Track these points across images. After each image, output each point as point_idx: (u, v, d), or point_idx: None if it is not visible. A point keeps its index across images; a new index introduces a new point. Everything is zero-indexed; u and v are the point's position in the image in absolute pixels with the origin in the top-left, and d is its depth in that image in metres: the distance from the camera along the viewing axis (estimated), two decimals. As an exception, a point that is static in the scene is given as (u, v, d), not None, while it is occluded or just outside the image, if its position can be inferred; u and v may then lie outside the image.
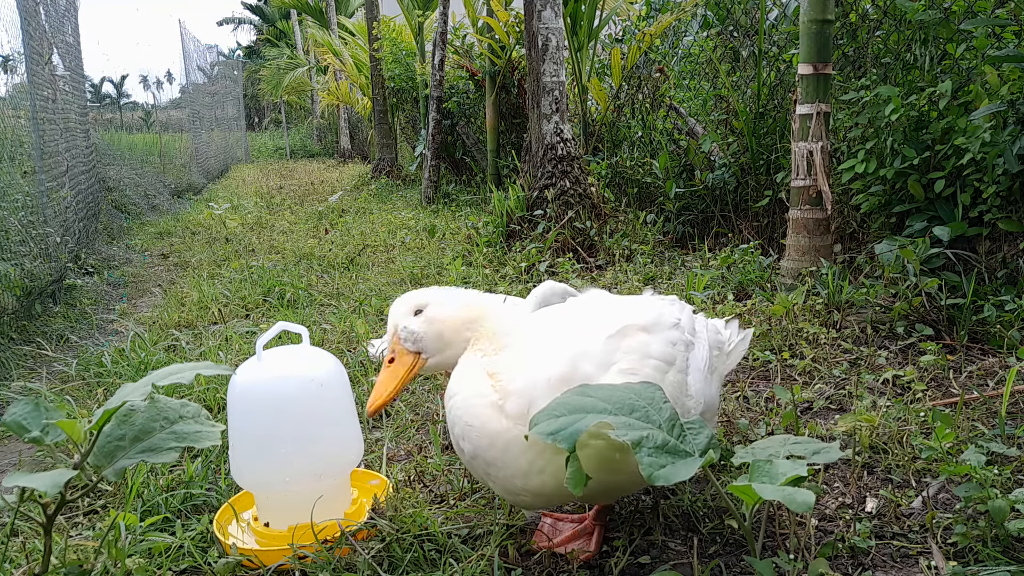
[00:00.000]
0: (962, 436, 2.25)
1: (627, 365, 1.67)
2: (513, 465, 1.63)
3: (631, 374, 1.66)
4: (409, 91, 11.57)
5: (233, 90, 21.88)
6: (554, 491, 1.65)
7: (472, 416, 1.66)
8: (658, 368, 1.69)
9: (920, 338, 3.13)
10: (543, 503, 1.74)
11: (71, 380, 3.27)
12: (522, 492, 1.67)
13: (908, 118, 3.62)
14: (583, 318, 1.80)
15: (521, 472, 1.63)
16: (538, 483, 1.64)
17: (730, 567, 1.79)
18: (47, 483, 1.39)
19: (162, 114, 25.43)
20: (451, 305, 1.88)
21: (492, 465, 1.66)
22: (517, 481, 1.65)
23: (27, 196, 5.09)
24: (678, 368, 1.74)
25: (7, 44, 5.37)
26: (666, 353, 1.73)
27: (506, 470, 1.64)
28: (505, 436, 1.63)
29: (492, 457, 1.65)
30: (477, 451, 1.67)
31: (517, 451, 1.62)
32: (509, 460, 1.63)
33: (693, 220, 5.30)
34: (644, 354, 1.70)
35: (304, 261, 5.66)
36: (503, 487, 1.68)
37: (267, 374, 1.88)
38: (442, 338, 1.85)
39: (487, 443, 1.64)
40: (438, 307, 1.88)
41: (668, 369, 1.71)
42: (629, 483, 1.71)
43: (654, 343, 1.72)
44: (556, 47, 5.31)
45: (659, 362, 1.70)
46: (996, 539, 1.77)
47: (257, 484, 1.93)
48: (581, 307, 1.88)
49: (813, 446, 1.66)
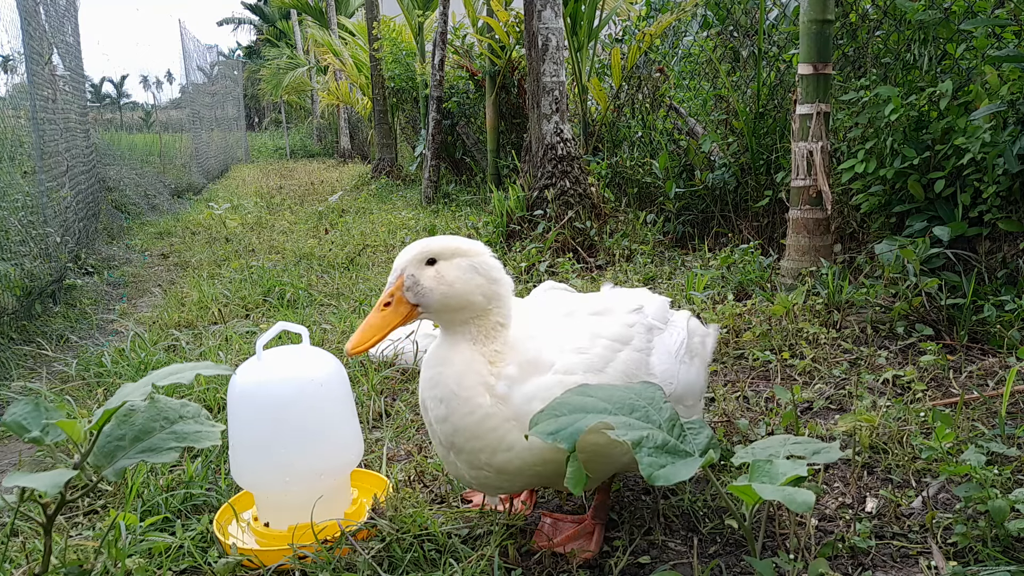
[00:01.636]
0: (962, 436, 2.25)
1: (579, 344, 1.75)
2: (484, 439, 1.66)
3: (580, 352, 1.74)
4: (409, 91, 11.57)
5: (233, 90, 21.88)
6: (516, 471, 1.69)
7: (462, 387, 1.67)
8: (608, 347, 1.77)
9: (920, 338, 3.13)
10: (499, 483, 1.74)
11: (71, 380, 3.26)
12: (484, 467, 1.69)
13: (908, 118, 3.62)
14: (551, 310, 1.90)
15: (489, 447, 1.67)
16: (503, 460, 1.67)
17: (730, 567, 1.79)
18: (47, 483, 1.39)
19: (162, 114, 25.42)
20: (471, 274, 1.70)
21: (461, 433, 1.67)
22: (483, 455, 1.68)
23: (27, 196, 5.09)
24: (635, 348, 1.81)
25: (7, 44, 5.38)
26: (618, 333, 1.81)
27: (475, 442, 1.67)
28: (485, 411, 1.66)
29: (465, 425, 1.67)
30: (451, 417, 1.67)
31: (491, 426, 1.66)
32: (481, 433, 1.66)
33: (693, 220, 5.30)
34: (595, 334, 1.78)
35: (304, 261, 5.66)
36: (467, 460, 1.70)
37: (267, 374, 1.88)
38: (447, 304, 1.70)
39: (466, 411, 1.66)
40: (456, 269, 1.70)
41: (621, 348, 1.79)
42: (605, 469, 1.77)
43: (605, 324, 1.82)
44: (556, 47, 5.31)
45: (610, 341, 1.78)
46: (996, 539, 1.77)
47: (257, 484, 1.93)
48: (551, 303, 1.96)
49: (813, 446, 1.66)
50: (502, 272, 1.76)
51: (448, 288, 1.68)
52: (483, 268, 1.71)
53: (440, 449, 1.77)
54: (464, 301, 1.70)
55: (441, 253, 1.71)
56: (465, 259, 1.71)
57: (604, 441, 1.59)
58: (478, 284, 1.70)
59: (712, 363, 3.08)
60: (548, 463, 1.67)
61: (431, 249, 1.71)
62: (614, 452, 1.70)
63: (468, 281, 1.70)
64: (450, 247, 1.72)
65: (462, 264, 1.70)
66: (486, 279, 1.71)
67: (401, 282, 1.70)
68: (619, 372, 1.75)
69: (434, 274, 1.69)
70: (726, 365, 3.11)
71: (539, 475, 1.72)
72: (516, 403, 1.68)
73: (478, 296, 1.70)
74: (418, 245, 1.72)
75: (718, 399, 2.68)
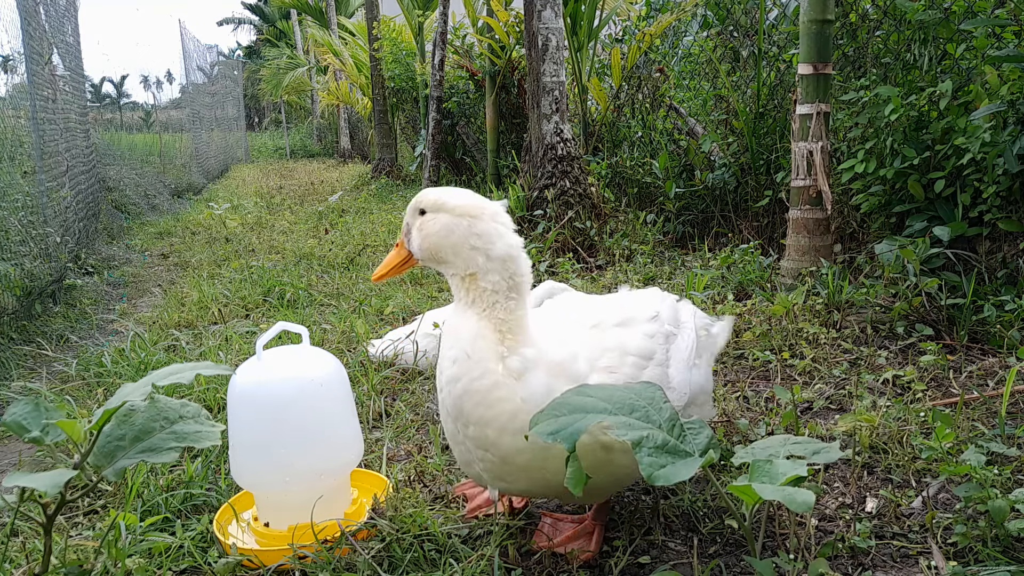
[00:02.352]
0: (962, 436, 2.25)
1: (608, 363, 1.73)
2: (493, 408, 1.63)
3: (610, 372, 1.71)
4: (409, 91, 11.57)
5: (233, 90, 21.88)
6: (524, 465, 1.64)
7: (475, 349, 1.65)
8: (636, 365, 1.74)
9: (920, 338, 3.13)
10: (502, 473, 1.69)
11: (71, 380, 3.26)
12: (491, 448, 1.66)
13: (908, 118, 3.62)
14: (576, 314, 1.88)
15: (498, 421, 1.63)
16: (510, 446, 1.63)
17: (730, 567, 1.79)
18: (47, 483, 1.39)
19: (162, 114, 25.41)
20: (447, 232, 1.68)
21: (470, 397, 1.64)
22: (490, 431, 1.64)
23: (27, 196, 5.09)
24: (657, 362, 1.80)
25: (7, 44, 5.38)
26: (644, 348, 1.78)
27: (484, 410, 1.64)
28: (496, 379, 1.64)
29: (475, 389, 1.64)
30: (463, 378, 1.64)
31: (500, 395, 1.63)
32: (491, 401, 1.63)
33: (693, 220, 5.30)
34: (623, 351, 1.75)
35: (304, 261, 5.66)
36: (475, 436, 1.66)
37: (267, 374, 1.88)
38: (430, 255, 1.72)
39: (477, 374, 1.64)
40: (435, 224, 1.70)
41: (647, 365, 1.77)
42: (613, 483, 1.75)
43: (631, 339, 1.78)
44: (556, 47, 5.31)
45: (637, 358, 1.76)
46: (996, 539, 1.77)
47: (257, 484, 1.93)
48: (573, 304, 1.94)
49: (813, 446, 1.66)
50: (492, 238, 1.68)
51: (424, 240, 1.72)
52: (459, 228, 1.68)
53: (449, 425, 1.74)
54: (443, 256, 1.71)
55: (429, 205, 1.72)
56: (446, 215, 1.70)
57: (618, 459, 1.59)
58: (453, 243, 1.68)
59: (713, 363, 3.08)
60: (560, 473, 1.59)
61: (421, 200, 1.75)
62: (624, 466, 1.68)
63: (444, 237, 1.69)
64: (436, 201, 1.71)
65: (441, 219, 1.70)
66: (465, 238, 1.67)
67: (405, 227, 1.79)
68: None
69: (419, 224, 1.74)
70: (726, 365, 3.11)
71: (548, 484, 1.68)
72: (534, 389, 1.64)
73: (448, 254, 1.69)
74: (419, 195, 1.77)
75: (718, 399, 2.68)
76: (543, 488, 1.73)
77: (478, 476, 1.77)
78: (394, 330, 3.43)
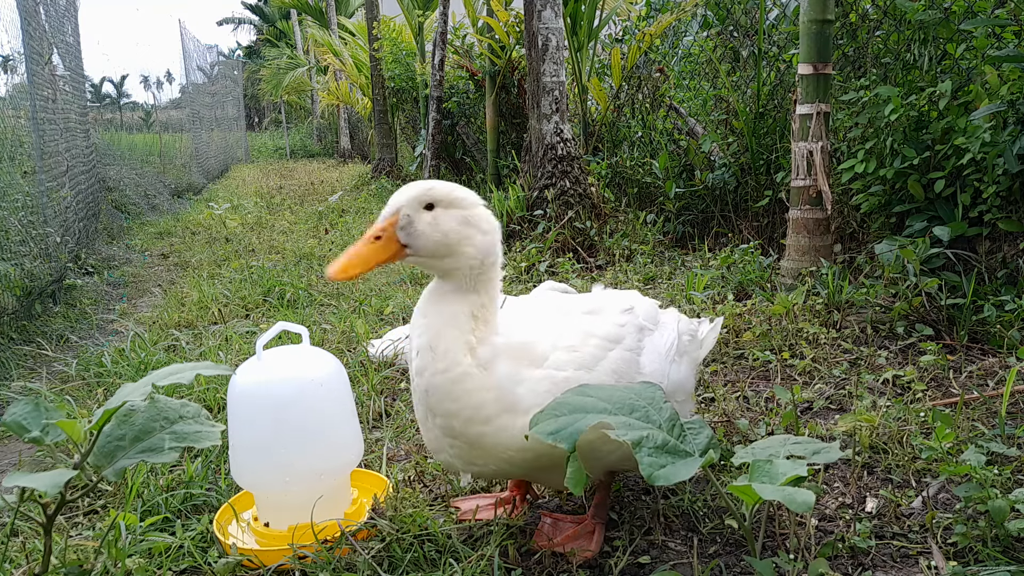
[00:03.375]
0: (962, 436, 2.25)
1: (570, 342, 1.77)
2: (459, 401, 1.65)
3: (572, 350, 1.75)
4: (409, 91, 11.57)
5: (233, 90, 21.88)
6: (491, 448, 1.67)
7: (442, 339, 1.67)
8: (600, 346, 1.79)
9: (920, 338, 3.13)
10: (473, 458, 1.71)
11: (71, 380, 3.26)
12: (459, 437, 1.68)
13: (908, 118, 3.61)
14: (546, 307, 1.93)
15: (463, 414, 1.66)
16: (476, 433, 1.66)
17: (730, 567, 1.79)
18: (47, 483, 1.39)
19: (162, 114, 25.41)
20: (465, 226, 1.69)
21: (436, 391, 1.66)
22: (456, 422, 1.67)
23: (27, 196, 5.09)
24: (625, 347, 1.83)
25: (7, 44, 5.38)
26: (611, 333, 1.82)
27: (449, 403, 1.66)
28: (463, 370, 1.66)
29: (439, 383, 1.66)
30: (427, 371, 1.66)
31: (467, 387, 1.65)
32: (457, 394, 1.65)
33: (693, 220, 5.30)
34: (587, 332, 1.79)
35: (304, 261, 5.66)
36: (441, 425, 1.69)
37: (267, 374, 1.88)
38: (438, 251, 1.68)
39: (442, 367, 1.66)
40: (452, 220, 1.68)
41: (612, 347, 1.81)
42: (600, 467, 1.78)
43: (598, 324, 1.83)
44: (556, 47, 5.30)
45: (602, 340, 1.80)
46: (996, 539, 1.77)
47: (257, 484, 1.93)
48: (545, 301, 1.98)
49: (813, 446, 1.66)
50: (493, 223, 1.75)
51: (442, 237, 1.67)
52: (475, 219, 1.71)
53: (419, 410, 1.76)
54: (454, 251, 1.69)
55: (441, 200, 1.69)
56: (461, 211, 1.70)
57: (593, 437, 1.59)
58: (469, 235, 1.69)
59: (712, 363, 3.08)
60: (526, 451, 1.66)
61: (433, 195, 1.69)
62: (604, 448, 1.70)
63: (461, 232, 1.69)
64: (450, 196, 1.71)
65: (458, 216, 1.69)
66: (478, 231, 1.71)
67: (396, 220, 1.67)
68: (609, 370, 1.77)
69: (431, 220, 1.68)
70: (726, 365, 3.11)
71: (515, 463, 1.70)
72: (499, 377, 1.67)
73: (468, 247, 1.69)
74: (419, 186, 1.70)
75: (718, 399, 2.68)
76: (513, 469, 1.75)
77: (448, 462, 1.78)
78: (394, 330, 3.43)
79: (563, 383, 1.69)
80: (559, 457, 1.58)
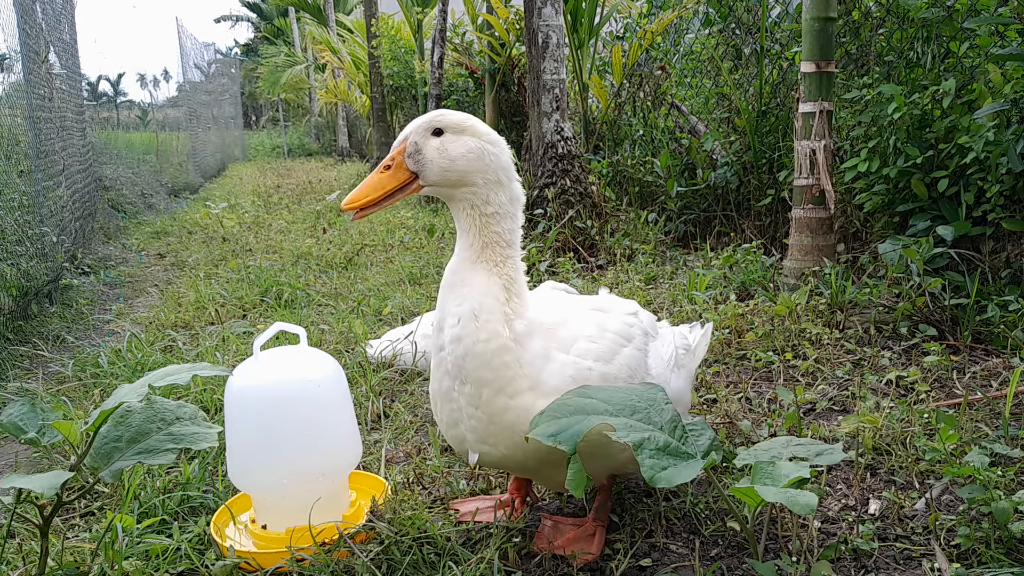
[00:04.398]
0: (966, 437, 2.23)
1: (590, 332, 1.78)
2: (495, 371, 1.64)
3: (592, 341, 1.75)
4: (408, 89, 11.55)
5: (230, 88, 21.87)
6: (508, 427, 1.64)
7: (483, 309, 1.65)
8: (616, 341, 1.79)
9: (924, 338, 3.12)
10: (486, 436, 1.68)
11: (67, 381, 3.25)
12: (482, 408, 1.65)
13: (911, 117, 3.60)
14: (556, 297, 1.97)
15: (495, 384, 1.64)
16: (500, 407, 1.64)
17: (732, 570, 1.77)
18: (43, 484, 1.38)
19: (159, 112, 25.34)
20: (476, 156, 1.65)
21: (473, 358, 1.64)
22: (486, 392, 1.64)
23: (23, 195, 5.06)
24: (636, 346, 1.84)
25: (3, 43, 5.34)
26: (622, 330, 1.83)
27: (485, 372, 1.64)
28: (503, 342, 1.64)
29: (480, 351, 1.64)
30: (466, 338, 1.64)
31: (504, 360, 1.64)
32: (495, 364, 1.64)
33: (695, 219, 5.28)
34: (602, 327, 1.80)
35: (302, 261, 5.64)
36: (469, 396, 1.66)
37: (264, 375, 1.87)
38: (446, 178, 1.65)
39: (484, 336, 1.64)
40: (461, 146, 1.65)
41: (626, 344, 1.81)
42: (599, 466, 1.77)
43: (610, 319, 1.84)
44: (556, 44, 5.28)
45: (617, 336, 1.80)
46: (1000, 541, 1.75)
47: (255, 486, 1.92)
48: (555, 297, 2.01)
49: (816, 448, 1.65)
50: (512, 173, 1.71)
51: (449, 163, 1.65)
52: (490, 155, 1.68)
53: (445, 382, 1.71)
54: (462, 179, 1.66)
55: (450, 126, 1.67)
56: (475, 139, 1.67)
57: (596, 438, 1.57)
58: (480, 168, 1.67)
59: (715, 364, 3.07)
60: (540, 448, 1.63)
61: (442, 120, 1.67)
62: (606, 451, 1.68)
63: (471, 161, 1.66)
64: (461, 123, 1.67)
65: (469, 143, 1.67)
66: (493, 166, 1.67)
67: (404, 147, 1.67)
68: (624, 365, 1.77)
69: (438, 145, 1.66)
70: (728, 366, 3.09)
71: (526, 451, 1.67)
72: (532, 353, 1.67)
73: (478, 179, 1.67)
74: (429, 114, 1.70)
75: (720, 400, 2.67)
76: (522, 454, 1.70)
77: (460, 438, 1.75)
78: (392, 330, 3.41)
79: (586, 372, 1.69)
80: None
